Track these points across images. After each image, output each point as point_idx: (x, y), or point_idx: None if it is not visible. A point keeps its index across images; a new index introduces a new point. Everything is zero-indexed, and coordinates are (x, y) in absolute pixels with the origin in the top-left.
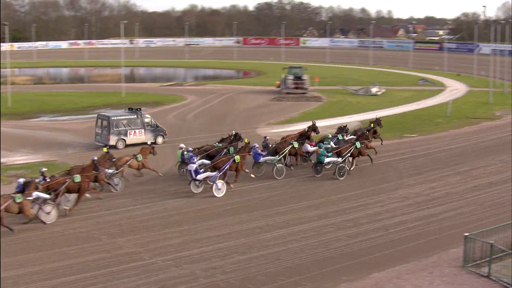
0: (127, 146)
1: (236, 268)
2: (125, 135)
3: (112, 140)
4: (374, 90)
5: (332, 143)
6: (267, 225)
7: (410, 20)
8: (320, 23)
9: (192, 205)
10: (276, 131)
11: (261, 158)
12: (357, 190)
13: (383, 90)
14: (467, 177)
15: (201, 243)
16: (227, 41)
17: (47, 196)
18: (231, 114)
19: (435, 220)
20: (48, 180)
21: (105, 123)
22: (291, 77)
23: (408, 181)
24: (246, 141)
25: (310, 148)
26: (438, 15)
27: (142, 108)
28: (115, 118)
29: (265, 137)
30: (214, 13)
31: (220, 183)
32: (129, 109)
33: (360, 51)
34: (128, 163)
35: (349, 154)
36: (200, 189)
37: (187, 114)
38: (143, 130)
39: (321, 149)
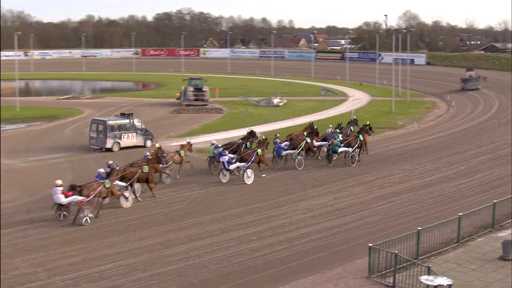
0: (121, 149)
1: (137, 285)
2: (120, 138)
3: (109, 143)
4: (276, 101)
5: (340, 136)
6: (168, 240)
7: (312, 30)
8: (221, 33)
9: (92, 222)
10: (176, 144)
11: (283, 152)
12: (260, 202)
13: (285, 101)
14: (371, 187)
15: (101, 261)
16: (125, 53)
17: (124, 184)
18: None
19: (340, 231)
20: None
21: (101, 127)
22: (191, 88)
23: (312, 192)
24: (263, 137)
25: (316, 143)
26: (339, 25)
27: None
28: (111, 122)
29: (276, 134)
30: (111, 23)
31: (249, 171)
32: (121, 114)
33: (261, 62)
34: (174, 158)
35: (357, 145)
36: (227, 179)
37: (85, 128)
38: (135, 134)
39: (336, 140)
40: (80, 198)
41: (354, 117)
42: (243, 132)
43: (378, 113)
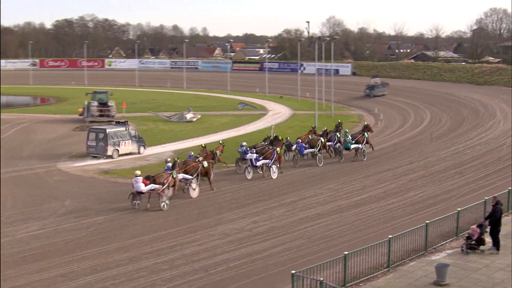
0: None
1: None
2: (118, 145)
3: (109, 151)
4: (189, 116)
5: (349, 136)
6: (71, 272)
7: (228, 38)
8: (128, 42)
9: None
10: (79, 165)
11: (305, 151)
12: (172, 228)
13: (199, 116)
14: (294, 209)
15: None
16: (21, 63)
17: (190, 176)
18: (28, 146)
19: (260, 258)
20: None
21: (101, 135)
22: (95, 103)
23: (229, 215)
24: (280, 138)
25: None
26: (258, 32)
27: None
28: (111, 130)
29: (286, 138)
30: (5, 31)
31: (274, 167)
32: (116, 122)
33: (172, 73)
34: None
35: (365, 142)
36: (251, 176)
37: None
38: (130, 141)
39: (348, 138)
40: (157, 186)
41: (274, 135)
42: (155, 150)
43: (301, 128)
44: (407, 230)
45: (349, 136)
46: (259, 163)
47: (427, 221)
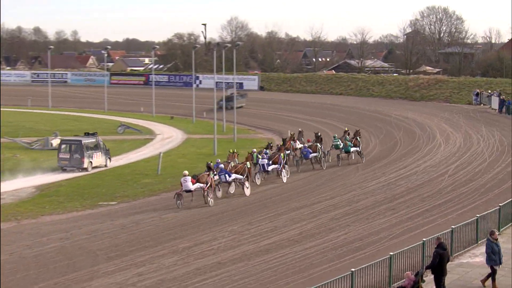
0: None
1: None
2: (92, 157)
3: (86, 163)
4: (55, 142)
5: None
6: None
7: (104, 45)
8: None
9: None
10: None
11: (310, 155)
12: (36, 283)
13: None
14: (188, 257)
15: None
16: None
17: (241, 176)
18: None
19: None
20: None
21: (74, 147)
22: None
23: (107, 267)
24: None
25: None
26: (142, 38)
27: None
28: (86, 141)
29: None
30: None
31: (284, 171)
32: (85, 133)
33: (34, 88)
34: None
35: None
36: (260, 181)
37: None
38: (100, 152)
39: (348, 142)
40: (203, 184)
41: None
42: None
43: (197, 156)
44: (327, 281)
45: (347, 140)
46: (270, 168)
47: (353, 269)
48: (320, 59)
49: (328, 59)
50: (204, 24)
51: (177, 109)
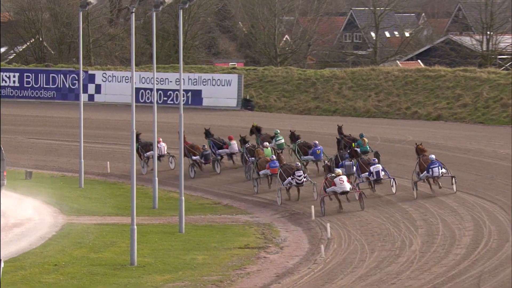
0: None
1: None
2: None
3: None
4: None
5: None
6: None
7: None
8: None
9: None
10: None
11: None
12: None
13: None
14: None
15: None
16: None
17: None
18: None
19: None
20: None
21: None
22: None
23: None
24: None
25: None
26: None
27: None
28: None
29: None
30: None
31: None
32: None
33: None
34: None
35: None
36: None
37: None
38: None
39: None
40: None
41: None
42: None
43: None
44: None
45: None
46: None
47: None
48: (387, 34)
49: (407, 34)
50: None
51: (45, 154)
